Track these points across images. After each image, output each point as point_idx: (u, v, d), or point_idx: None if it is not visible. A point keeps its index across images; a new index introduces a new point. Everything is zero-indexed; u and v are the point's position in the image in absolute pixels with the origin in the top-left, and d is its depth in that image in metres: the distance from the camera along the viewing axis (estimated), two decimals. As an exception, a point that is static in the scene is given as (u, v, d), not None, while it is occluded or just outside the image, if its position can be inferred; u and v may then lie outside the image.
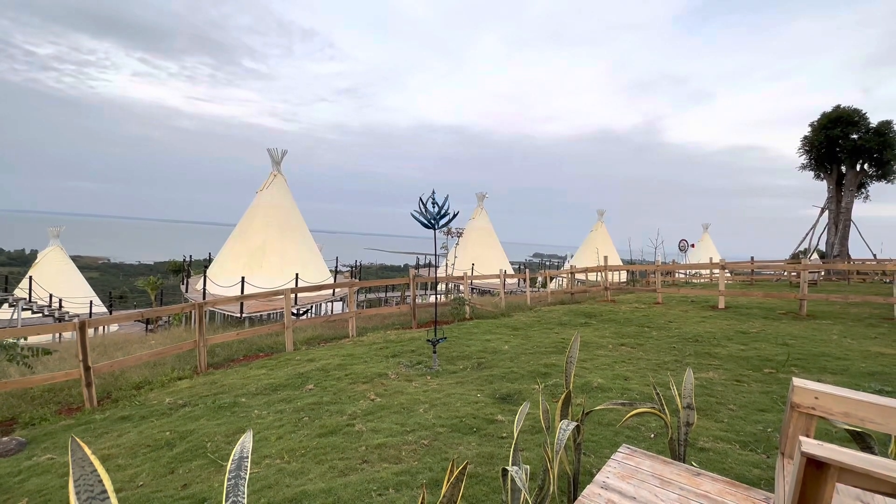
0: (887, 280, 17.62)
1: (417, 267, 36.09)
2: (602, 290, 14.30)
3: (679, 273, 23.05)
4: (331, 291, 18.50)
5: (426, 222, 6.80)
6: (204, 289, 16.67)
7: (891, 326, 8.40)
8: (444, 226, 7.10)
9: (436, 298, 8.45)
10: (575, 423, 2.34)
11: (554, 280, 29.55)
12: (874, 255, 22.91)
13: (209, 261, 22.79)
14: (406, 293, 27.56)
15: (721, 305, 11.15)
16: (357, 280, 25.01)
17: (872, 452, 2.12)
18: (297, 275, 16.64)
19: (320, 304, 21.31)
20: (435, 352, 6.46)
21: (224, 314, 16.96)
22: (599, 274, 16.09)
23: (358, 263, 31.14)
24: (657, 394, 2.82)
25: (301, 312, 19.51)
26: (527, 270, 21.33)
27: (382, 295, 32.51)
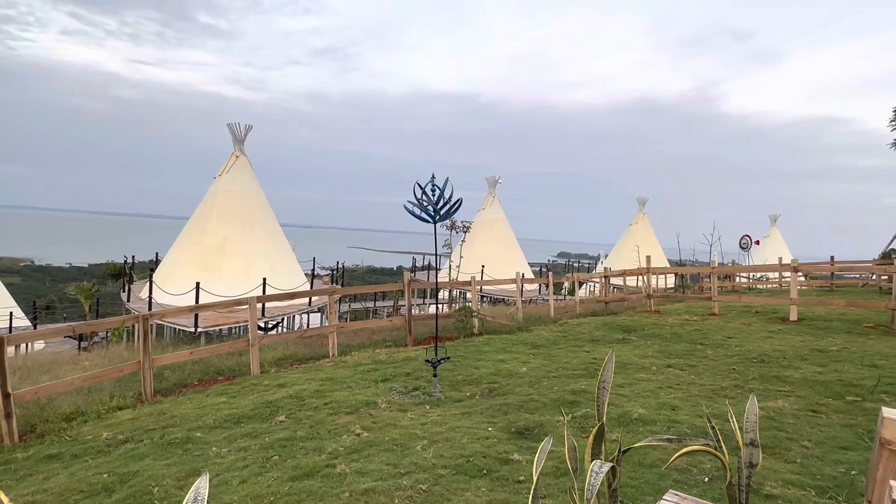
0: None
1: (414, 270, 36.18)
2: (644, 297, 14.29)
3: (740, 277, 22.99)
4: (306, 300, 18.56)
5: (423, 214, 6.81)
6: (150, 297, 16.79)
7: None
8: (445, 218, 7.12)
9: (436, 309, 8.47)
10: (610, 464, 2.34)
11: (584, 286, 29.57)
12: None
13: (156, 263, 22.94)
14: (400, 302, 27.65)
15: (793, 317, 11.12)
16: (339, 286, 25.10)
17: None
18: (264, 280, 16.72)
19: (293, 316, 21.40)
20: (435, 375, 6.48)
21: (175, 328, 17.07)
22: (641, 278, 16.08)
23: (340, 265, 31.22)
24: (712, 427, 2.81)
25: (270, 326, 19.60)
26: (550, 274, 21.32)
27: (371, 304, 32.60)
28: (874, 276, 21.05)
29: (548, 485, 3.80)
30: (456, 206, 6.88)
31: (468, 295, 19.45)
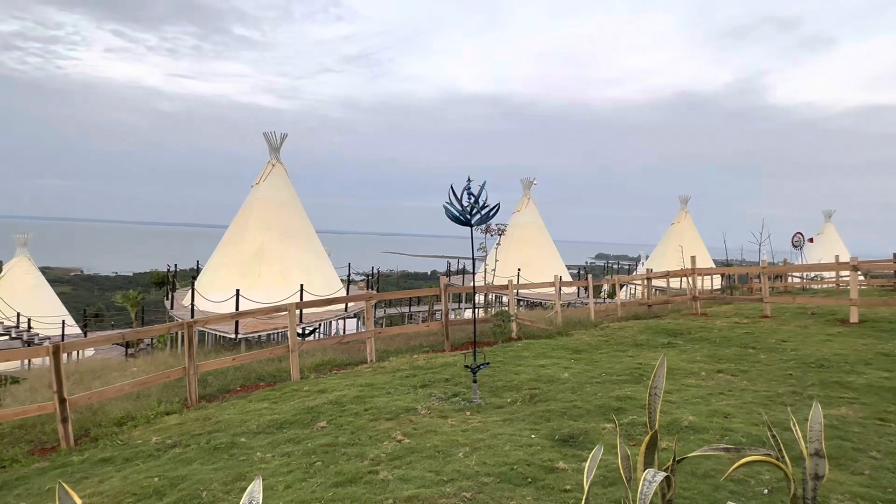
0: None
1: (449, 274, 36.26)
2: (689, 300, 13.88)
3: (793, 276, 22.04)
4: (342, 306, 18.84)
5: (459, 217, 6.82)
6: (192, 305, 17.36)
7: None
8: (481, 222, 7.10)
9: (473, 313, 8.45)
10: (664, 473, 2.28)
11: (624, 288, 28.96)
12: None
13: (197, 271, 23.73)
14: (436, 307, 27.74)
15: (853, 319, 10.58)
16: (375, 292, 25.41)
17: None
18: (301, 286, 17.07)
19: (330, 322, 21.76)
20: (475, 381, 6.46)
21: (216, 335, 17.61)
22: (686, 280, 15.63)
23: (375, 271, 31.61)
24: (773, 436, 2.70)
25: (307, 332, 20.00)
26: (589, 277, 20.99)
27: (406, 309, 32.83)
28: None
29: (596, 494, 3.73)
30: (494, 210, 6.86)
31: (504, 299, 19.33)
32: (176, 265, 25.24)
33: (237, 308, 15.14)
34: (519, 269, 24.52)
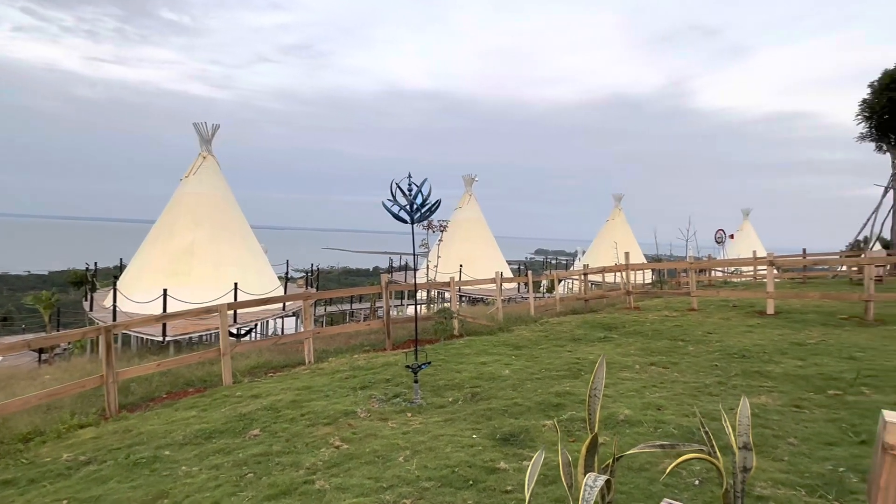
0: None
1: (391, 271, 35.93)
2: (624, 294, 14.41)
3: (716, 271, 23.44)
4: (280, 305, 18.20)
5: (400, 214, 6.67)
6: (114, 306, 16.21)
7: (975, 331, 8.64)
8: (424, 219, 7.00)
9: (415, 310, 8.33)
10: (604, 478, 2.26)
11: (563, 283, 29.77)
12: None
13: (120, 269, 22.24)
14: (378, 304, 27.36)
15: (770, 311, 11.33)
16: (314, 290, 24.72)
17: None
18: (235, 285, 16.32)
19: (267, 321, 21.00)
20: (416, 381, 6.35)
21: (142, 338, 16.54)
22: (620, 275, 16.22)
23: (315, 268, 30.79)
24: (705, 432, 2.75)
25: (243, 333, 19.18)
26: (529, 272, 21.39)
27: (347, 307, 32.24)
28: (844, 268, 21.71)
29: (537, 494, 3.71)
30: (435, 206, 6.76)
31: (447, 295, 19.34)
32: (96, 263, 23.53)
33: (164, 309, 14.27)
34: (461, 266, 24.64)
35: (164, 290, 14.96)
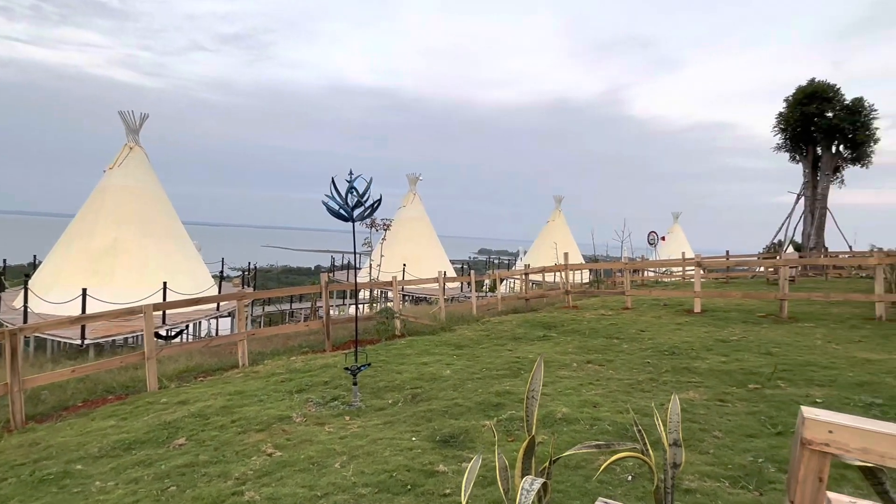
0: (863, 275, 19.97)
1: (333, 269, 35.20)
2: (563, 293, 14.77)
3: (649, 271, 24.54)
4: (213, 305, 17.38)
5: (340, 212, 6.49)
6: (25, 307, 14.89)
7: (874, 328, 9.46)
8: (364, 216, 6.84)
9: (356, 310, 8.15)
10: (541, 481, 2.24)
11: (505, 282, 30.25)
12: (849, 247, 25.95)
13: (34, 267, 20.51)
14: (318, 304, 26.69)
15: (697, 309, 11.95)
16: (251, 289, 23.80)
17: (886, 491, 2.22)
18: (164, 284, 15.41)
19: (199, 322, 20.01)
20: (356, 383, 6.19)
21: (60, 342, 15.29)
22: (559, 275, 16.63)
23: (252, 266, 29.68)
24: (638, 430, 2.81)
25: (173, 334, 18.16)
26: (472, 272, 21.55)
27: (287, 307, 31.29)
28: (761, 269, 23.33)
29: (475, 496, 3.68)
30: (375, 204, 6.62)
31: (390, 295, 19.14)
32: (5, 261, 21.59)
33: (83, 310, 13.26)
34: (405, 265, 24.49)
35: (84, 290, 13.90)
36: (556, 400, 5.79)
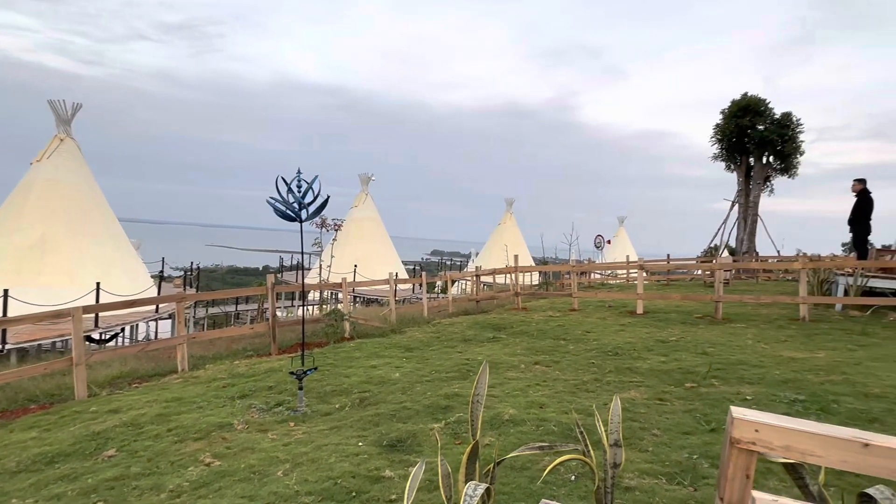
0: (790, 278, 21.36)
1: (281, 270, 34.32)
2: (512, 295, 14.97)
3: (595, 273, 25.28)
4: (152, 307, 16.56)
5: (287, 212, 6.32)
6: (-63, 309, 13.67)
7: (798, 328, 10.10)
8: (312, 217, 6.69)
9: (303, 312, 7.94)
10: (484, 486, 2.23)
11: (456, 284, 30.41)
12: (777, 252, 27.68)
13: (-52, 265, 18.84)
14: (265, 305, 25.95)
15: (639, 310, 12.39)
16: (192, 290, 22.83)
17: (805, 485, 2.36)
18: (97, 285, 14.55)
19: (137, 325, 19.01)
20: (301, 387, 6.03)
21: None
22: (509, 276, 16.86)
23: (196, 266, 28.48)
24: (580, 432, 2.86)
25: (107, 338, 17.17)
26: (423, 274, 21.53)
27: (232, 308, 30.25)
28: (699, 272, 24.51)
29: (421, 501, 3.65)
30: (323, 205, 6.48)
31: (340, 296, 18.83)
32: (-85, 258, 19.71)
33: (4, 313, 12.33)
34: (356, 266, 24.16)
35: (6, 291, 12.93)
36: (503, 402, 5.84)
